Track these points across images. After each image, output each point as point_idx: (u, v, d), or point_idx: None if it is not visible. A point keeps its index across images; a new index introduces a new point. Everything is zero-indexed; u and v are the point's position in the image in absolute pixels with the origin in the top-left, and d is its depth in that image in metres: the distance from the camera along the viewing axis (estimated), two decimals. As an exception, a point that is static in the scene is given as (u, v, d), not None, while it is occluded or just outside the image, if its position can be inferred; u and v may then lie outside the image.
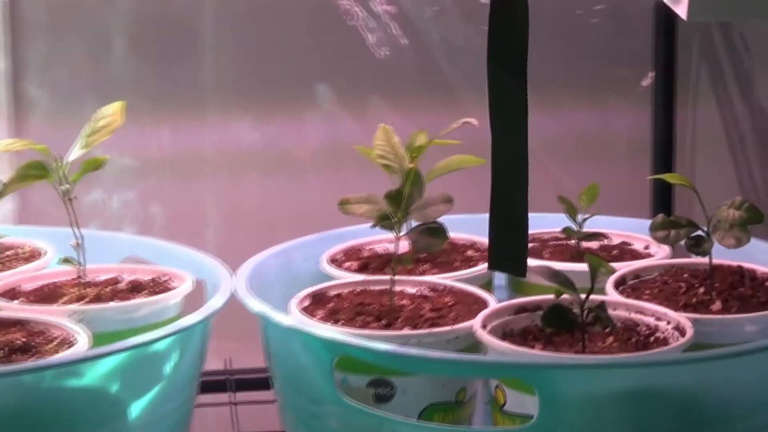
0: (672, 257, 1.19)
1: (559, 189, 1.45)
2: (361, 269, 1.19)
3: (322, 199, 1.33)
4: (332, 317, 1.05)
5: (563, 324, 0.98)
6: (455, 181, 1.14)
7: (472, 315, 1.05)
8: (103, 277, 1.10)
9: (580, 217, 1.22)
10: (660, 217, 1.08)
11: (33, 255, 1.14)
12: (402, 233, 1.05)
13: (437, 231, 1.03)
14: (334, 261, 1.21)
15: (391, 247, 1.21)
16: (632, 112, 1.48)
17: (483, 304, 1.08)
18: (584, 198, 1.23)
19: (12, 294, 1.07)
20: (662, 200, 1.50)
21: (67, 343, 0.96)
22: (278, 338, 1.03)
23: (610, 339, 1.01)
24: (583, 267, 1.10)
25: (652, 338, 1.00)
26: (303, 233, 1.21)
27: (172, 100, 1.43)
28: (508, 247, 0.79)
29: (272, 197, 1.46)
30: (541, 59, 1.09)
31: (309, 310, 1.06)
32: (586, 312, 0.98)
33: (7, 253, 1.15)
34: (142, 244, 1.20)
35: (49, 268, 1.12)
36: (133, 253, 1.17)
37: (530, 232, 1.26)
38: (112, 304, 1.04)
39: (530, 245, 1.25)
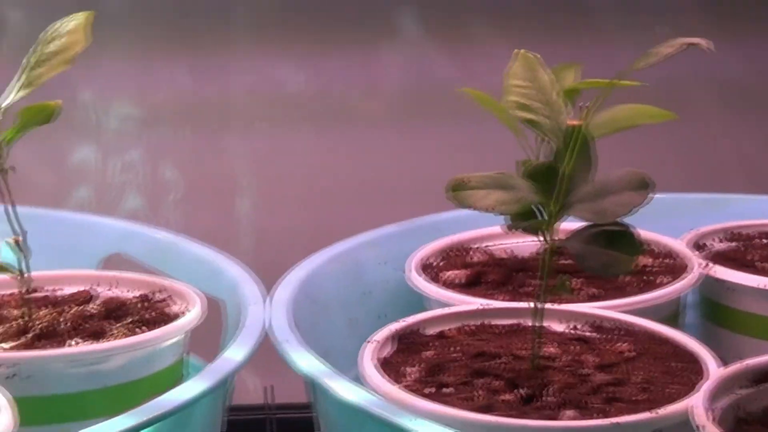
0: None
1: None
2: (470, 284, 0.78)
3: (399, 164, 1.07)
4: (432, 381, 0.62)
5: None
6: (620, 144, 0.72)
7: (675, 380, 0.62)
8: (66, 291, 0.76)
9: None
10: None
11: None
12: (555, 239, 0.62)
13: (623, 240, 0.59)
14: (428, 268, 0.81)
15: (519, 248, 0.84)
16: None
17: (686, 357, 0.65)
18: None
19: None
20: None
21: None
22: (342, 419, 0.61)
23: None
24: None
25: None
26: (373, 215, 0.89)
27: (190, 26, 1.10)
28: None
29: (328, 161, 1.12)
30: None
31: (393, 366, 0.64)
32: None
33: None
34: (129, 235, 0.86)
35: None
36: (116, 249, 0.85)
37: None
38: (65, 350, 0.67)
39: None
